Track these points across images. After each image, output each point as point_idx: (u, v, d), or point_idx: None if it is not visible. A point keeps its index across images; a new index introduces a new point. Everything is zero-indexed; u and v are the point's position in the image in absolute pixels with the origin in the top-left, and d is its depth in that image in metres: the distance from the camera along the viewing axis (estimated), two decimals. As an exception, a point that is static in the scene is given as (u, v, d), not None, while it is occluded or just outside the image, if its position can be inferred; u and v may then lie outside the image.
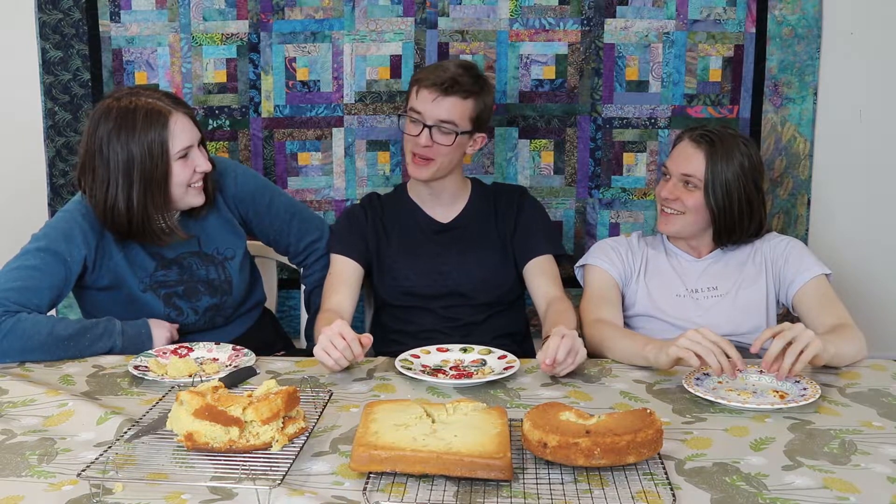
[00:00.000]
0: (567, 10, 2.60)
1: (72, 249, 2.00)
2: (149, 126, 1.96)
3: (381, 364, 1.91)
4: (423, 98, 2.14)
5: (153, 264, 2.10)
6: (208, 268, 2.15)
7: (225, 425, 1.41)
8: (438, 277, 2.24)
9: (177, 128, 1.98)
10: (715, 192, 2.11)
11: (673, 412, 1.64)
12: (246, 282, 2.22)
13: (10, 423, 1.58)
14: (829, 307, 2.07)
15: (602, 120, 2.65)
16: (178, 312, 2.11)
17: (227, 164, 2.25)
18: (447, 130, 2.14)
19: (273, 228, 2.28)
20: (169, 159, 1.99)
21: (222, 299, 2.16)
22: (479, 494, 1.32)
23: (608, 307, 2.15)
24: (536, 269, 2.25)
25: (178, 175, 2.01)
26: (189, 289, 2.12)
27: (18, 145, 2.67)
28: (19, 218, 2.63)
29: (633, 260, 2.23)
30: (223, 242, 2.19)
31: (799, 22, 2.60)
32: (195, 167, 2.03)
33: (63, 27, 2.58)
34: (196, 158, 2.03)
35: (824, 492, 1.33)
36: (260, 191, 2.26)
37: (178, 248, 2.12)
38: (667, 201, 2.17)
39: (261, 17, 2.60)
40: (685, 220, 2.16)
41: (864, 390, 1.75)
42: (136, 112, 1.96)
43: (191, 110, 2.06)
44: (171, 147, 1.98)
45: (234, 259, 2.19)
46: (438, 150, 2.15)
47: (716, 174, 2.11)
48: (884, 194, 2.71)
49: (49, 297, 1.98)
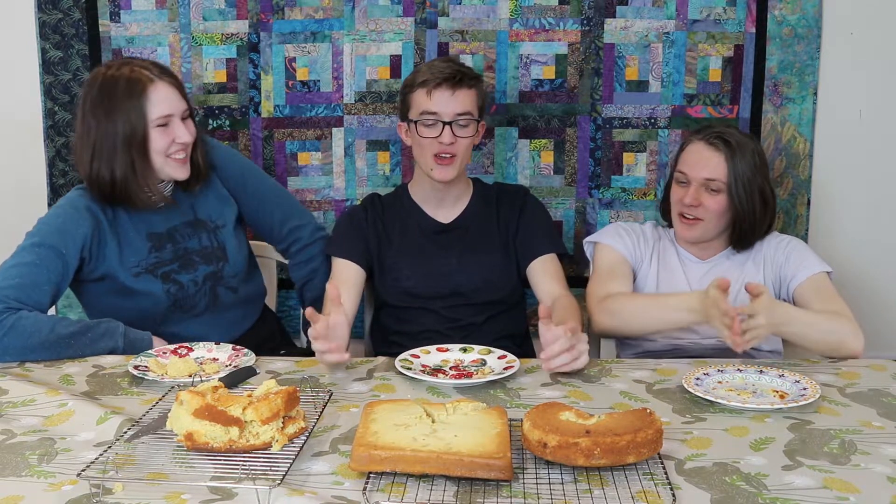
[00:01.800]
0: (567, 10, 2.60)
1: (67, 242, 2.00)
2: (128, 95, 1.99)
3: (381, 364, 1.91)
4: (437, 97, 2.14)
5: (147, 245, 2.10)
6: (200, 236, 2.17)
7: (225, 425, 1.41)
8: (439, 278, 2.23)
9: (156, 95, 2.00)
10: (739, 193, 2.11)
11: (673, 412, 1.64)
12: (242, 252, 2.24)
13: (10, 423, 1.58)
14: (828, 301, 2.06)
15: (602, 120, 2.65)
16: (179, 287, 2.11)
17: (215, 144, 2.30)
18: (465, 122, 2.16)
19: (259, 209, 2.30)
20: (147, 126, 2.00)
21: (219, 265, 2.17)
22: (479, 494, 1.32)
23: (618, 282, 2.15)
24: (540, 268, 2.25)
25: (155, 142, 2.02)
26: (185, 262, 2.13)
27: (18, 145, 2.67)
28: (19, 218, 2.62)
29: (644, 247, 2.23)
30: (215, 210, 2.22)
31: (799, 22, 2.59)
32: (174, 137, 2.03)
33: (63, 27, 2.58)
34: (176, 129, 2.04)
35: (824, 492, 1.33)
36: (248, 170, 2.31)
37: (173, 220, 2.14)
38: (689, 208, 2.15)
39: (261, 17, 2.60)
40: (706, 226, 2.15)
41: (864, 390, 1.75)
42: (117, 82, 2.00)
43: (178, 81, 2.07)
44: (149, 114, 2.00)
45: (226, 227, 2.21)
46: (460, 145, 2.16)
47: (737, 175, 2.11)
48: (884, 194, 2.71)
49: (49, 292, 1.99)
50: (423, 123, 2.16)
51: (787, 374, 1.77)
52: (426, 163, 2.19)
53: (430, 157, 2.18)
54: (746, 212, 2.13)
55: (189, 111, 2.09)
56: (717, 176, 2.11)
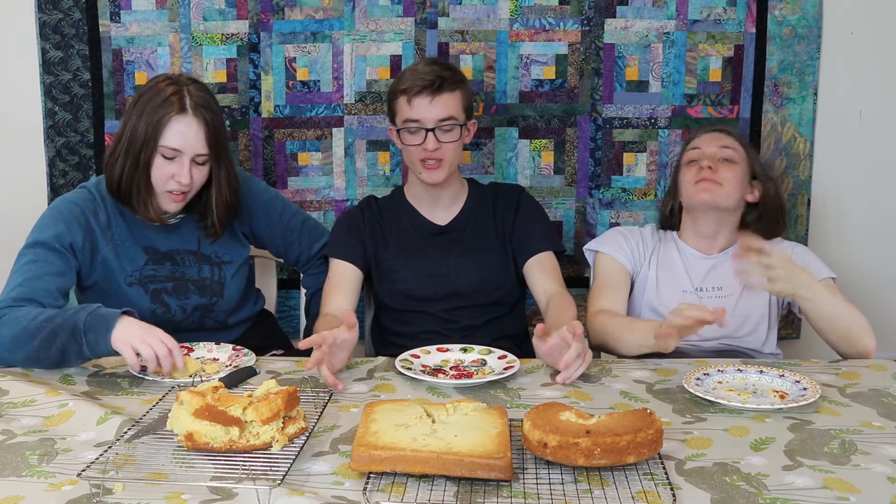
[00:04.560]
0: (567, 10, 2.60)
1: (61, 236, 1.99)
2: (156, 109, 1.98)
3: (381, 364, 1.91)
4: (417, 105, 2.15)
5: (143, 258, 2.09)
6: (202, 267, 2.15)
7: (225, 425, 1.41)
8: (438, 280, 2.23)
9: (176, 126, 1.98)
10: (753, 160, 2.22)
11: (673, 412, 1.64)
12: (240, 289, 2.21)
13: (10, 423, 1.58)
14: None
15: (602, 120, 2.65)
16: (165, 309, 2.10)
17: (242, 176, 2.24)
18: (449, 127, 2.16)
19: (285, 238, 2.29)
20: (154, 147, 1.98)
21: (212, 300, 2.15)
22: (479, 494, 1.32)
23: (612, 296, 2.17)
24: (536, 265, 2.25)
25: (157, 168, 2.01)
26: (179, 286, 2.12)
27: (18, 145, 2.67)
28: (19, 218, 2.62)
29: (644, 249, 2.24)
30: (223, 249, 2.19)
31: (799, 22, 2.59)
32: (174, 174, 2.00)
33: (63, 27, 2.58)
34: (181, 167, 2.00)
35: (824, 492, 1.33)
36: (272, 201, 2.28)
37: (174, 244, 2.13)
38: (707, 171, 2.15)
39: (261, 17, 2.60)
40: (724, 190, 2.16)
41: (864, 390, 1.75)
42: (158, 94, 1.99)
43: (210, 125, 2.00)
44: (161, 138, 1.98)
45: (232, 264, 2.19)
46: (446, 149, 2.17)
47: (746, 148, 2.23)
48: (884, 194, 2.71)
49: (55, 283, 1.95)
50: (407, 130, 2.17)
51: (788, 374, 1.77)
52: (415, 167, 2.21)
53: (418, 162, 2.19)
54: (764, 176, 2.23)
55: (210, 156, 2.02)
56: (731, 144, 2.20)
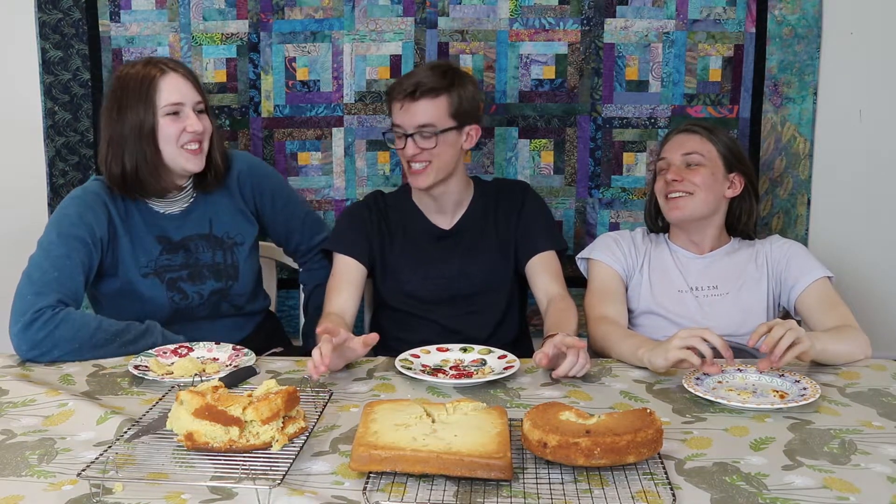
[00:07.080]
0: (567, 9, 2.60)
1: (88, 230, 2.01)
2: (139, 88, 2.01)
3: (381, 364, 1.91)
4: (396, 110, 2.17)
5: (158, 248, 2.11)
6: (215, 251, 2.16)
7: (225, 425, 1.41)
8: (441, 282, 2.23)
9: (166, 84, 2.02)
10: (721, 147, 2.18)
11: (673, 412, 1.64)
12: (253, 272, 2.24)
13: (10, 423, 1.58)
14: (833, 309, 2.06)
15: (602, 120, 2.65)
16: (183, 296, 2.11)
17: (249, 158, 2.29)
18: (427, 134, 2.14)
19: (288, 225, 2.31)
20: (156, 114, 2.01)
21: (227, 284, 2.17)
22: (479, 494, 1.32)
23: (612, 304, 2.15)
24: (539, 265, 2.24)
25: (164, 129, 2.02)
26: (194, 272, 2.13)
27: (18, 145, 2.67)
28: (19, 218, 2.64)
29: (635, 254, 2.23)
30: (234, 227, 2.20)
31: (799, 22, 2.59)
32: (185, 126, 2.03)
33: (63, 27, 2.58)
34: (187, 118, 2.04)
35: (824, 492, 1.33)
36: (279, 186, 2.30)
37: (187, 230, 2.14)
38: (673, 184, 2.16)
39: (261, 16, 2.60)
40: (695, 200, 2.15)
41: (864, 390, 1.75)
42: (131, 78, 2.02)
43: (192, 76, 2.08)
44: (158, 102, 2.01)
45: (244, 245, 2.20)
46: (431, 154, 2.16)
47: (715, 143, 2.19)
48: (884, 194, 2.71)
49: (83, 283, 2.00)
50: (395, 134, 2.18)
51: (787, 374, 1.77)
52: (405, 170, 2.22)
53: (406, 166, 2.20)
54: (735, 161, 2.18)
55: (204, 105, 2.09)
56: (695, 149, 2.17)
